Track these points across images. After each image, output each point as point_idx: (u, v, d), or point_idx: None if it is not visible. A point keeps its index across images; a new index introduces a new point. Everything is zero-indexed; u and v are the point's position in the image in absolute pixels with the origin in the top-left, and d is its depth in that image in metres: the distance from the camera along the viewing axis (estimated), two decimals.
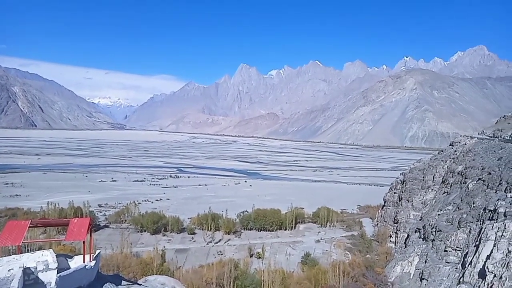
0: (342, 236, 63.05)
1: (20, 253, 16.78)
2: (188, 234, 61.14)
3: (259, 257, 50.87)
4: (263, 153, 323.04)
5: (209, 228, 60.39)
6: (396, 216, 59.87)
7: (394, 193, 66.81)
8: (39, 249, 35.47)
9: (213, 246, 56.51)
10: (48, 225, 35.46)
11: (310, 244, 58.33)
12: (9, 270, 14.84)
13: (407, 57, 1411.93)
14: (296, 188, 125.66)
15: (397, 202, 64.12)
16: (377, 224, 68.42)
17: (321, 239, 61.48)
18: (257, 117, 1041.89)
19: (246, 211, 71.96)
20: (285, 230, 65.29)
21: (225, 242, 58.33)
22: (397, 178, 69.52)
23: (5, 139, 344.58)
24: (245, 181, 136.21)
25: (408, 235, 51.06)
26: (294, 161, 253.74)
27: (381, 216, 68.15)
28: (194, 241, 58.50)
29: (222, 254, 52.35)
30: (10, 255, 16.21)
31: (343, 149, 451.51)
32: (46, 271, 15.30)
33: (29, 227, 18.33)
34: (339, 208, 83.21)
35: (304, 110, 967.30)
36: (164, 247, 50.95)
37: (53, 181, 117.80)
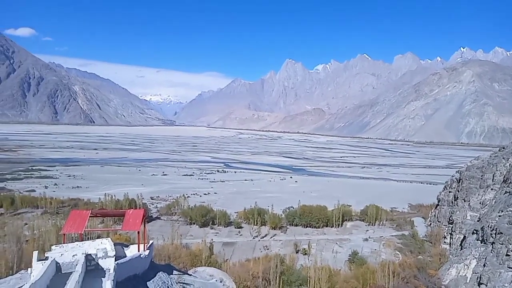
0: (392, 236, 60.88)
1: (82, 241, 18.09)
2: (235, 228, 62.29)
3: (305, 254, 50.61)
4: (309, 149, 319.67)
5: (255, 223, 61.08)
6: (451, 216, 56.63)
7: (449, 192, 63.17)
8: (98, 237, 37.99)
9: (259, 240, 57.09)
10: (106, 215, 37.81)
11: (357, 243, 57.00)
12: (73, 255, 16.05)
13: (463, 48, 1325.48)
14: (343, 185, 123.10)
15: (452, 202, 60.59)
16: (430, 224, 65.17)
17: (369, 237, 59.82)
18: (303, 113, 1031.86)
19: (292, 207, 71.82)
20: (331, 227, 64.33)
21: (271, 237, 58.68)
22: (452, 176, 65.61)
23: (67, 134, 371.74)
24: (291, 177, 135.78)
25: (464, 236, 48.12)
26: (340, 157, 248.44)
27: (435, 215, 64.82)
28: (241, 235, 59.46)
29: (268, 249, 52.75)
30: (73, 242, 17.53)
31: (393, 146, 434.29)
32: (105, 258, 16.37)
33: (90, 216, 19.72)
34: (389, 207, 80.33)
35: (351, 105, 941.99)
36: (212, 239, 52.29)
37: (110, 174, 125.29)
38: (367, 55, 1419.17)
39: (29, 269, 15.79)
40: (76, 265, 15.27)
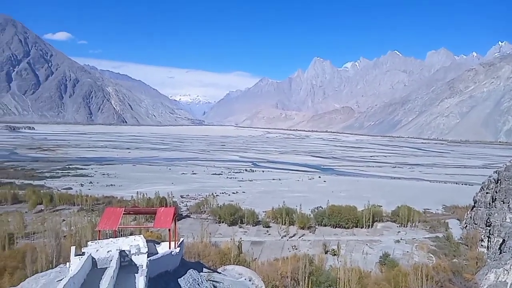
0: (425, 238, 59.01)
1: (116, 237, 18.64)
2: (263, 227, 62.41)
3: (334, 254, 49.97)
4: (338, 148, 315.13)
5: (284, 222, 60.97)
6: (488, 218, 54.17)
7: (487, 193, 60.45)
8: (130, 234, 39.14)
9: (287, 240, 56.94)
10: (139, 212, 38.86)
11: (389, 244, 55.65)
12: (108, 251, 16.56)
13: (502, 42, 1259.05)
14: (373, 185, 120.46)
15: (490, 203, 57.95)
16: (466, 226, 62.62)
17: (401, 239, 58.24)
18: (331, 111, 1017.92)
19: (320, 207, 71.03)
20: (361, 228, 63.12)
21: (300, 237, 58.36)
22: (490, 177, 62.71)
23: (101, 134, 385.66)
24: (319, 177, 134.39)
25: (503, 240, 45.89)
26: (370, 156, 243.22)
27: (471, 218, 62.20)
28: (269, 234, 59.51)
29: (296, 249, 52.50)
30: (107, 238, 18.13)
31: (425, 144, 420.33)
32: (138, 255, 16.80)
33: (123, 214, 20.33)
34: (421, 208, 77.84)
35: (381, 103, 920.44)
36: (241, 238, 52.69)
37: (141, 172, 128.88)
38: (398, 52, 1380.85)
39: (67, 263, 16.42)
40: (111, 260, 15.77)
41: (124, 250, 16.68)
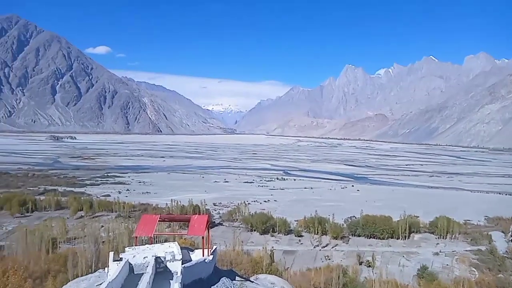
0: (466, 250, 56.14)
1: (151, 244, 19.19)
2: (295, 236, 61.82)
3: (369, 266, 48.59)
4: (371, 157, 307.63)
5: (316, 232, 60.11)
6: None
7: None
8: (165, 241, 40.03)
9: (320, 250, 56.05)
10: (173, 220, 39.75)
11: (427, 256, 53.41)
12: (144, 257, 17.10)
13: None
14: (409, 194, 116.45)
15: None
16: (511, 239, 59.06)
17: (440, 251, 55.73)
18: (364, 119, 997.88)
19: (354, 216, 69.46)
20: (397, 239, 60.98)
21: (333, 247, 57.28)
22: None
23: (138, 143, 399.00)
24: (352, 186, 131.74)
25: None
26: (406, 165, 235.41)
27: None
28: (301, 243, 58.86)
29: (329, 259, 51.55)
30: (143, 245, 18.69)
31: (465, 153, 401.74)
32: (173, 261, 17.23)
33: (158, 221, 20.92)
34: (462, 219, 74.17)
35: (417, 110, 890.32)
36: (273, 247, 52.42)
37: (176, 180, 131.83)
38: (434, 57, 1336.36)
39: (105, 268, 17.11)
40: (147, 266, 16.28)
41: (159, 257, 17.17)
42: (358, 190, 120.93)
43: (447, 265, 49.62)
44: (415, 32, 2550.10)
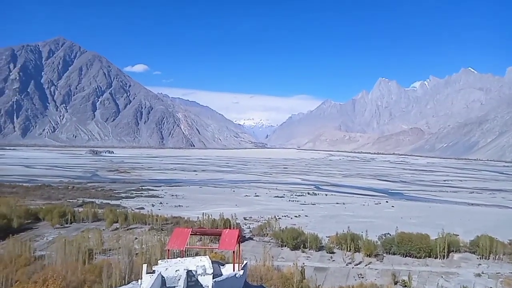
0: None
1: (183, 257, 19.54)
2: (327, 253, 60.44)
3: (405, 286, 46.59)
4: (406, 172, 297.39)
5: (348, 249, 58.54)
6: None
7: None
8: (196, 254, 40.48)
9: (352, 267, 54.45)
10: (205, 234, 40.24)
11: (468, 277, 50.50)
12: (176, 271, 17.42)
13: None
14: (448, 211, 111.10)
15: None
16: None
17: (482, 273, 52.54)
18: (398, 133, 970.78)
19: (389, 233, 67.10)
20: (435, 258, 58.14)
21: (366, 265, 55.47)
22: None
23: (171, 157, 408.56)
24: (386, 202, 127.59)
25: None
26: (444, 181, 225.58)
27: None
28: (333, 260, 57.45)
29: (362, 277, 49.95)
30: (175, 258, 19.05)
31: (508, 168, 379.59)
32: (204, 275, 17.42)
33: (190, 234, 21.31)
34: (506, 238, 69.68)
35: (455, 123, 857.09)
36: (304, 263, 51.53)
37: (207, 194, 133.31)
38: (472, 69, 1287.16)
39: (139, 280, 17.56)
40: (179, 280, 16.58)
41: (191, 270, 17.43)
42: (392, 206, 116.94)
43: (491, 287, 46.70)
44: (452, 43, 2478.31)
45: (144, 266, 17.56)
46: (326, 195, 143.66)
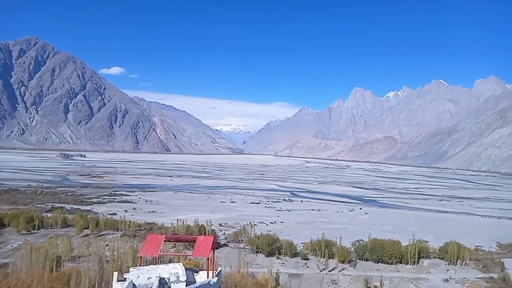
0: (478, 278, 54.52)
1: (156, 264, 19.19)
2: (301, 259, 60.73)
3: None
4: (380, 179, 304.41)
5: (323, 255, 59.02)
6: None
7: None
8: (169, 261, 39.77)
9: (326, 274, 54.92)
10: (179, 240, 39.62)
11: (436, 283, 51.98)
12: (148, 278, 17.09)
13: None
14: (419, 218, 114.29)
15: None
16: None
17: (450, 278, 54.21)
18: (373, 141, 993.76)
19: (362, 240, 68.20)
20: (406, 264, 59.53)
21: (339, 271, 56.10)
22: None
23: (146, 162, 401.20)
24: (360, 208, 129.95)
25: None
26: (415, 188, 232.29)
27: None
28: (307, 267, 57.79)
29: (336, 284, 50.47)
30: (147, 265, 18.68)
31: (475, 177, 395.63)
32: (177, 283, 17.17)
33: (164, 241, 20.94)
34: (472, 245, 72.34)
35: (426, 133, 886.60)
36: (278, 270, 51.50)
37: (182, 200, 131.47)
38: (443, 81, 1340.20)
39: None
40: (151, 287, 16.25)
41: (163, 278, 17.13)
42: (366, 213, 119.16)
43: None
44: (424, 55, 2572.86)
45: (115, 273, 17.16)
46: (302, 201, 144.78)
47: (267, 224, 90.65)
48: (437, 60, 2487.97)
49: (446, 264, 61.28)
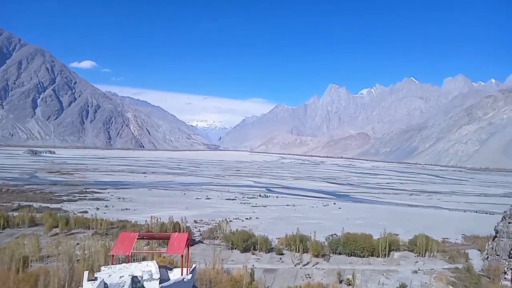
0: (444, 268, 56.94)
1: (129, 262, 18.85)
2: (276, 254, 61.42)
3: (349, 284, 48.66)
4: (353, 175, 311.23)
5: (297, 250, 59.90)
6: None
7: (509, 223, 58.36)
8: (143, 259, 39.21)
9: (301, 268, 55.82)
10: (153, 238, 39.10)
11: (406, 275, 53.90)
12: (120, 277, 16.75)
13: None
14: (390, 212, 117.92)
15: None
16: (487, 257, 60.21)
17: (419, 269, 56.36)
18: (347, 137, 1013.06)
19: (335, 234, 69.66)
20: (377, 257, 61.38)
21: (313, 265, 57.13)
22: None
23: (119, 159, 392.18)
24: (334, 203, 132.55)
25: None
26: (387, 183, 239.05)
27: (492, 248, 59.87)
28: (282, 261, 58.49)
29: (310, 278, 51.37)
30: (120, 263, 18.32)
31: (443, 172, 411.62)
32: (150, 281, 16.91)
33: (137, 238, 20.59)
34: (440, 237, 75.47)
35: (398, 129, 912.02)
36: (253, 265, 51.90)
37: (156, 197, 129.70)
38: (414, 79, 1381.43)
39: None
40: (123, 286, 15.95)
41: (136, 276, 16.83)
42: (339, 208, 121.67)
43: (426, 283, 50.14)
44: (396, 53, 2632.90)
45: (86, 273, 16.73)
46: (277, 197, 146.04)
47: (242, 220, 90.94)
48: (408, 58, 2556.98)
49: (415, 256, 63.63)
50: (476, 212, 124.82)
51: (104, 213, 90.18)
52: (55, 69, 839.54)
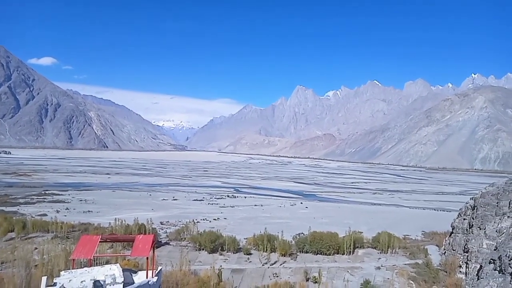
0: (405, 264, 59.25)
1: (91, 266, 18.19)
2: (244, 254, 61.39)
3: (316, 282, 49.46)
4: (320, 175, 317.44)
5: (265, 249, 60.19)
6: (466, 244, 55.05)
7: (464, 219, 61.65)
8: (106, 263, 37.89)
9: (268, 267, 56.12)
10: (116, 240, 37.91)
11: (369, 271, 55.57)
12: (82, 281, 16.17)
13: (475, 74, 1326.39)
14: (354, 211, 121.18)
15: (467, 230, 58.99)
16: (445, 252, 63.32)
17: (381, 266, 58.28)
18: (313, 138, 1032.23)
19: (302, 233, 70.68)
20: (342, 254, 62.90)
21: (281, 264, 57.62)
22: (466, 203, 64.21)
23: (81, 159, 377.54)
24: (301, 203, 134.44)
25: (481, 266, 46.52)
26: (352, 183, 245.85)
27: (449, 244, 63.05)
28: (250, 261, 58.54)
29: (277, 276, 51.75)
30: (82, 267, 17.64)
31: (404, 171, 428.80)
32: (113, 285, 16.45)
33: (100, 241, 19.90)
34: (401, 234, 78.49)
35: (362, 130, 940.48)
36: (221, 266, 51.59)
37: (121, 198, 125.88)
38: (378, 82, 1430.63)
39: None
40: None
41: (98, 280, 16.35)
42: (306, 207, 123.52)
43: (388, 278, 51.91)
44: (361, 56, 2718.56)
45: (44, 278, 16.00)
46: (246, 197, 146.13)
47: (210, 221, 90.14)
48: (372, 61, 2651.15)
49: (378, 252, 65.80)
50: (435, 210, 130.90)
51: (65, 215, 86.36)
52: (11, 65, 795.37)
